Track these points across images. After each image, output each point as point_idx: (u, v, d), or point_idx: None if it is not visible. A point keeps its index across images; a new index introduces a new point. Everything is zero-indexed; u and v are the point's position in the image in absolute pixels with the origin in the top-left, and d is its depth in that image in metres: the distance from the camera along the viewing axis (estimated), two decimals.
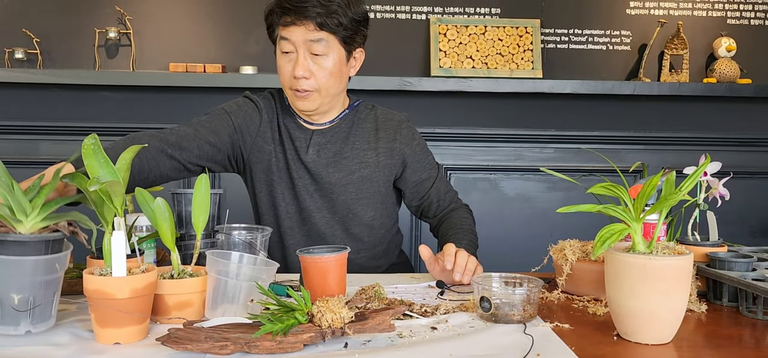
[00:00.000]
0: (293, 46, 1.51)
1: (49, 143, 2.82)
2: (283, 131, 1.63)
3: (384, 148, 1.67)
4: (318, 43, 1.50)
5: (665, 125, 2.97)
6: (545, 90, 2.79)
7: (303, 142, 1.62)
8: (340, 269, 1.24)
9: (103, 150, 1.05)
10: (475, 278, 1.22)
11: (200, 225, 1.16)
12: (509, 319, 1.15)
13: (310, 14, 1.47)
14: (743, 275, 1.25)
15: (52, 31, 2.81)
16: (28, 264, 0.97)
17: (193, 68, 2.72)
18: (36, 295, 0.99)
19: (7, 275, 0.96)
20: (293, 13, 1.48)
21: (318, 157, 1.62)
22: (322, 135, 1.64)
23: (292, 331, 0.99)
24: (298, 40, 1.50)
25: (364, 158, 1.65)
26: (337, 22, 1.49)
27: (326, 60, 1.53)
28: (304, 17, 1.47)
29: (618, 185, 1.10)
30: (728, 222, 2.54)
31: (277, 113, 1.64)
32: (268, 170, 1.64)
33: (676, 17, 2.98)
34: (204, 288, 1.13)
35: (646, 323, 1.05)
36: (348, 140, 1.65)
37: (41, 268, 0.98)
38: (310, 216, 1.65)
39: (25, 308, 0.97)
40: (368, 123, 1.68)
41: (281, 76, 1.56)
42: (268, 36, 1.61)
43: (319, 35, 1.50)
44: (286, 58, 1.53)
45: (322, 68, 1.53)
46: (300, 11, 1.47)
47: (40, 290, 0.99)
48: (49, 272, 1.00)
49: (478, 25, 2.88)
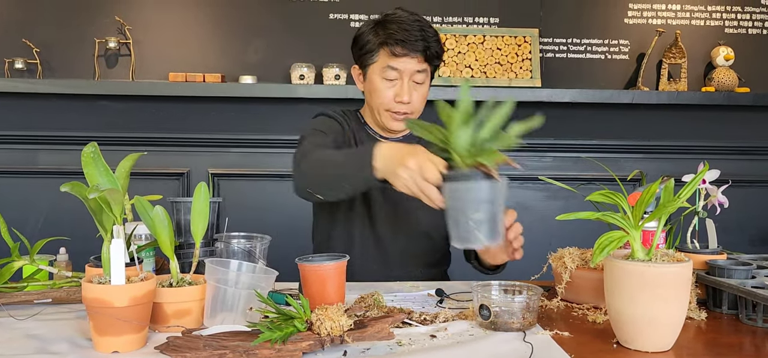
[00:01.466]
0: (398, 74, 1.65)
1: (48, 153, 2.82)
2: (360, 144, 1.75)
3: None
4: (421, 73, 1.67)
5: (664, 134, 2.97)
6: (544, 99, 2.79)
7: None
8: (339, 277, 1.24)
9: (102, 158, 1.05)
10: (475, 285, 1.21)
11: (199, 233, 1.16)
12: (508, 327, 1.15)
13: (419, 48, 1.63)
14: (743, 283, 1.25)
15: (52, 41, 2.81)
16: (482, 187, 1.15)
17: (192, 78, 2.73)
18: (486, 213, 1.16)
19: (464, 200, 1.16)
20: (405, 45, 1.62)
21: None
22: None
23: (291, 339, 0.98)
24: (406, 70, 1.64)
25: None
26: (435, 53, 1.67)
27: (423, 87, 1.70)
28: (415, 51, 1.63)
29: (617, 193, 1.10)
30: (727, 231, 2.54)
31: (353, 129, 1.77)
32: None
33: (674, 26, 2.99)
34: (203, 296, 1.13)
35: (645, 330, 1.05)
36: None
37: (486, 190, 1.16)
38: (376, 222, 1.72)
39: (480, 226, 1.15)
40: (423, 141, 1.75)
41: (379, 99, 1.68)
42: (356, 56, 1.73)
43: (423, 66, 1.66)
44: (389, 83, 1.67)
45: (420, 94, 1.69)
46: (412, 45, 1.62)
47: (488, 209, 1.17)
48: (493, 193, 1.17)
49: (477, 35, 2.89)
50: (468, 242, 1.18)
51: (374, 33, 1.67)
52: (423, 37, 1.63)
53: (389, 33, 1.63)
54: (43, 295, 1.27)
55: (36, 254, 1.37)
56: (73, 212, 2.47)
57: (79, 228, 1.87)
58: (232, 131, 2.85)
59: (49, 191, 2.73)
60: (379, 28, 1.66)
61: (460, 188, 1.18)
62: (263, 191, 2.88)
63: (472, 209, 1.16)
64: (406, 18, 1.65)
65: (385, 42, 1.64)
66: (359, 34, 1.72)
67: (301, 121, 2.82)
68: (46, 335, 1.09)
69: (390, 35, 1.63)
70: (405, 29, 1.62)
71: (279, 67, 2.87)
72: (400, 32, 1.62)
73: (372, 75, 1.69)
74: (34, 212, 2.78)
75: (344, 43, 2.92)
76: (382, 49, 1.65)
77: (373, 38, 1.67)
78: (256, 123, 2.85)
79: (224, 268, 1.14)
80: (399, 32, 1.62)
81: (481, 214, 1.16)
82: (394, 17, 1.66)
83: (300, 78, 2.79)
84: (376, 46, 1.66)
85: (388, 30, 1.64)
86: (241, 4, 2.86)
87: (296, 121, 2.85)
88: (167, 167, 2.84)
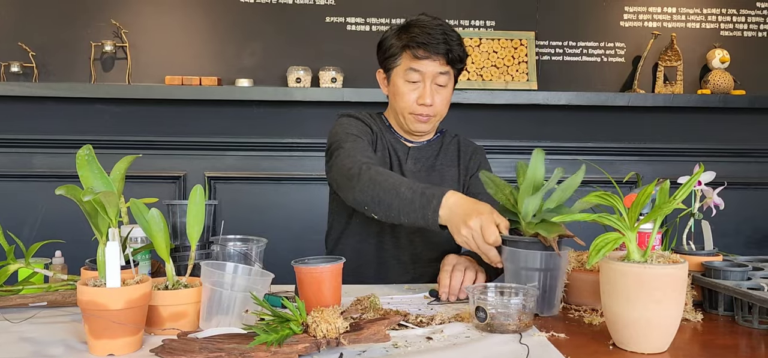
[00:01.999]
0: (421, 76, 1.67)
1: (44, 156, 2.81)
2: (387, 146, 1.78)
3: (463, 168, 1.84)
4: (444, 76, 1.68)
5: (660, 136, 2.98)
6: (540, 102, 2.80)
7: (403, 154, 1.79)
8: (335, 280, 1.24)
9: (96, 160, 1.05)
10: (470, 287, 1.22)
11: (195, 236, 1.16)
12: (505, 329, 1.15)
13: (441, 51, 1.65)
14: (739, 284, 1.25)
15: (48, 44, 2.81)
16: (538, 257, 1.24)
17: (188, 81, 2.73)
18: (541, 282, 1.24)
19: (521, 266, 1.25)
20: (427, 48, 1.64)
21: (414, 166, 1.79)
22: (418, 151, 1.81)
23: (286, 341, 0.98)
24: (428, 72, 1.66)
25: (449, 174, 1.82)
26: (458, 57, 1.68)
27: (446, 90, 1.71)
28: (437, 53, 1.65)
29: (612, 194, 1.11)
30: (723, 233, 2.54)
31: (381, 131, 1.80)
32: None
33: (670, 29, 3.00)
34: (198, 299, 1.13)
35: (641, 332, 1.05)
36: (438, 158, 1.83)
37: (542, 261, 1.24)
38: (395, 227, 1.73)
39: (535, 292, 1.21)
40: (453, 146, 1.87)
41: (402, 101, 1.70)
42: (380, 60, 1.76)
43: (446, 69, 1.68)
44: (412, 86, 1.69)
45: (443, 97, 1.71)
46: (433, 48, 1.64)
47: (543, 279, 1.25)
48: (549, 265, 1.24)
49: (473, 38, 2.89)
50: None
51: (397, 37, 1.70)
52: (445, 40, 1.65)
53: (412, 36, 1.66)
54: (38, 298, 1.27)
55: (31, 257, 1.37)
56: (69, 216, 2.46)
57: (75, 232, 1.87)
58: (229, 135, 2.84)
59: (45, 194, 2.72)
60: (402, 32, 1.69)
61: (519, 255, 1.26)
62: (260, 194, 2.88)
63: (527, 277, 1.25)
64: (429, 22, 1.67)
65: (408, 45, 1.67)
66: (383, 39, 1.75)
67: (298, 124, 2.85)
68: (41, 338, 1.09)
69: (412, 38, 1.66)
70: (427, 33, 1.65)
71: (275, 71, 2.88)
72: (422, 35, 1.65)
73: (395, 78, 1.71)
74: (30, 215, 2.78)
75: (340, 46, 2.95)
76: (405, 52, 1.68)
77: (396, 42, 1.69)
78: (252, 126, 2.84)
79: (220, 270, 1.13)
80: (421, 35, 1.65)
81: (535, 282, 1.25)
82: (417, 22, 1.69)
83: (296, 81, 2.79)
84: (399, 50, 1.69)
85: (411, 33, 1.66)
86: (238, 8, 2.87)
87: (292, 124, 2.85)
88: (163, 171, 2.84)
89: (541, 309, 1.27)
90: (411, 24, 1.69)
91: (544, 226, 1.24)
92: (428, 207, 1.37)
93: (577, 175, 1.29)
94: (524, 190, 1.30)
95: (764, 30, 3.07)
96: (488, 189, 1.40)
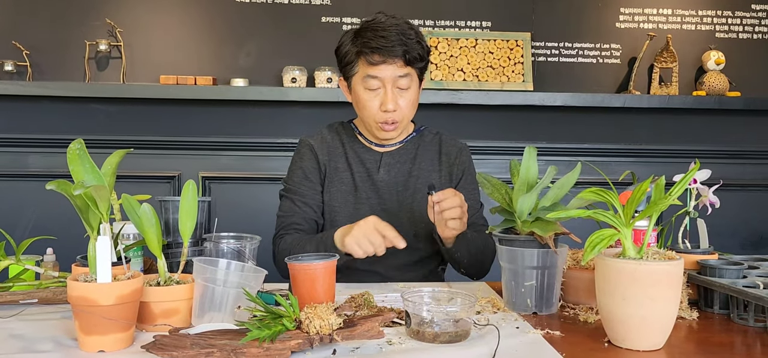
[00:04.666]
0: (381, 82, 1.61)
1: (38, 156, 2.79)
2: (352, 157, 1.74)
3: (445, 172, 1.77)
4: (404, 78, 1.61)
5: (655, 138, 2.98)
6: (536, 103, 2.80)
7: (374, 164, 1.74)
8: (328, 277, 1.23)
9: (88, 155, 1.04)
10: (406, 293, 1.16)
11: (187, 232, 1.15)
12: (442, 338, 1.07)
13: (397, 53, 1.57)
14: (734, 282, 1.24)
15: (42, 43, 2.80)
16: (535, 255, 1.24)
17: (183, 80, 2.71)
18: (538, 281, 1.25)
19: (517, 265, 1.26)
20: (382, 52, 1.57)
21: (387, 176, 1.73)
22: (391, 156, 1.75)
23: (279, 338, 0.97)
24: (387, 77, 1.60)
25: (430, 179, 1.73)
26: (418, 56, 1.61)
27: (410, 92, 1.64)
28: (393, 56, 1.57)
29: (608, 191, 1.10)
30: (718, 234, 2.54)
31: (343, 143, 1.75)
32: (342, 191, 1.74)
33: (666, 31, 3.00)
34: (191, 296, 1.12)
35: (636, 329, 1.04)
36: (415, 161, 1.76)
37: (538, 258, 1.24)
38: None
39: (531, 292, 1.25)
40: (433, 146, 1.79)
41: (366, 111, 1.65)
42: (340, 68, 1.69)
43: (405, 71, 1.60)
44: (373, 93, 1.63)
45: (407, 100, 1.64)
46: (389, 51, 1.57)
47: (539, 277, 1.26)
48: (545, 262, 1.25)
49: (469, 38, 2.89)
50: (517, 306, 1.28)
51: (352, 42, 1.62)
52: (401, 41, 1.57)
53: (365, 41, 1.59)
54: (28, 295, 1.25)
55: (22, 253, 1.35)
56: (62, 215, 2.45)
57: (68, 231, 1.85)
58: (224, 135, 2.83)
59: (39, 193, 2.69)
60: (356, 37, 1.62)
61: (515, 253, 1.26)
62: (255, 194, 2.87)
63: (523, 275, 1.25)
64: (384, 23, 1.59)
65: (362, 51, 1.59)
66: (339, 46, 1.67)
67: (293, 124, 2.84)
68: (31, 335, 1.08)
69: (365, 44, 1.58)
70: (381, 36, 1.57)
71: (271, 71, 2.87)
72: (376, 40, 1.57)
73: (355, 86, 1.65)
74: (24, 214, 2.76)
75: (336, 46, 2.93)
76: (360, 59, 1.61)
77: (351, 48, 1.62)
78: (247, 126, 2.83)
79: (213, 266, 1.12)
80: (374, 40, 1.57)
81: (533, 281, 1.25)
82: (371, 24, 1.61)
83: (292, 81, 2.79)
84: (355, 57, 1.62)
85: (364, 38, 1.59)
86: (233, 7, 2.86)
87: (288, 124, 2.84)
88: (158, 171, 2.83)
89: (539, 307, 1.26)
90: (365, 27, 1.61)
91: (539, 224, 1.24)
92: (329, 247, 1.51)
93: (573, 174, 1.28)
94: (518, 188, 1.30)
95: (759, 32, 3.07)
96: (484, 189, 1.38)
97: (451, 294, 1.18)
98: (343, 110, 1.82)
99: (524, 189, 1.29)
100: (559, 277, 1.28)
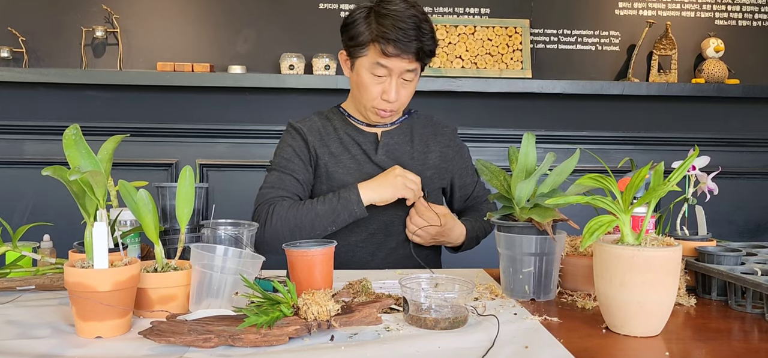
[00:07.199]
0: (388, 72, 1.59)
1: (34, 143, 2.79)
2: (347, 141, 1.72)
3: (440, 153, 1.79)
4: (411, 72, 1.61)
5: (654, 125, 2.98)
6: (534, 90, 2.79)
7: (371, 146, 1.72)
8: (326, 263, 1.23)
9: (84, 140, 1.03)
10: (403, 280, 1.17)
11: (184, 218, 1.15)
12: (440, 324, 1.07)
13: (411, 49, 1.56)
14: (732, 269, 1.24)
15: (39, 29, 2.78)
16: (532, 242, 1.25)
17: (181, 67, 2.70)
18: (535, 267, 1.25)
19: (515, 251, 1.26)
20: (398, 45, 1.54)
21: (387, 158, 1.71)
22: (389, 136, 1.74)
23: (277, 324, 0.97)
24: (396, 69, 1.59)
25: (427, 161, 1.76)
26: (429, 52, 1.61)
27: (412, 84, 1.65)
28: (407, 52, 1.56)
29: (606, 177, 1.10)
30: (716, 222, 2.55)
31: (335, 128, 1.74)
32: (349, 168, 1.71)
33: (665, 18, 2.99)
34: (188, 282, 1.11)
35: (634, 315, 1.04)
36: (413, 143, 1.76)
37: (536, 245, 1.24)
38: (376, 212, 1.65)
39: (529, 279, 1.25)
40: (427, 128, 1.80)
41: (366, 95, 1.63)
42: (345, 42, 1.66)
43: (414, 65, 1.60)
44: (377, 79, 1.61)
45: (408, 91, 1.65)
46: (404, 45, 1.55)
47: (537, 263, 1.26)
48: (544, 249, 1.24)
49: (468, 25, 2.87)
50: (515, 293, 1.28)
51: (367, 24, 1.57)
52: (417, 36, 1.54)
53: (383, 30, 1.53)
54: (25, 281, 1.25)
55: (19, 240, 1.35)
56: (59, 202, 2.44)
57: (65, 218, 1.85)
58: (221, 122, 2.82)
59: (36, 180, 2.70)
60: (373, 21, 1.56)
61: (513, 239, 1.26)
62: (252, 181, 2.84)
63: (521, 262, 1.25)
64: (403, 12, 1.54)
65: (377, 39, 1.55)
66: (351, 22, 1.61)
67: (291, 111, 2.83)
68: (28, 321, 1.07)
69: (383, 34, 1.53)
70: (400, 27, 1.52)
71: (268, 57, 2.86)
72: (394, 31, 1.52)
73: (360, 68, 1.61)
74: (21, 202, 2.76)
75: (334, 33, 2.90)
76: (373, 45, 1.56)
77: (366, 31, 1.57)
78: (245, 113, 2.82)
79: (210, 253, 1.12)
80: (393, 30, 1.52)
81: (530, 267, 1.25)
82: (389, 10, 1.55)
83: (290, 68, 2.77)
84: (368, 40, 1.57)
85: (382, 26, 1.54)
86: None
87: (285, 111, 2.84)
88: (155, 158, 2.82)
89: (537, 294, 1.26)
90: (382, 11, 1.55)
91: (538, 210, 1.24)
92: (349, 202, 1.54)
93: (571, 160, 1.28)
94: (517, 175, 1.29)
95: (759, 19, 3.06)
96: (483, 176, 1.38)
97: (449, 281, 1.17)
98: (341, 98, 1.82)
99: (523, 176, 1.29)
100: (557, 263, 1.28)
